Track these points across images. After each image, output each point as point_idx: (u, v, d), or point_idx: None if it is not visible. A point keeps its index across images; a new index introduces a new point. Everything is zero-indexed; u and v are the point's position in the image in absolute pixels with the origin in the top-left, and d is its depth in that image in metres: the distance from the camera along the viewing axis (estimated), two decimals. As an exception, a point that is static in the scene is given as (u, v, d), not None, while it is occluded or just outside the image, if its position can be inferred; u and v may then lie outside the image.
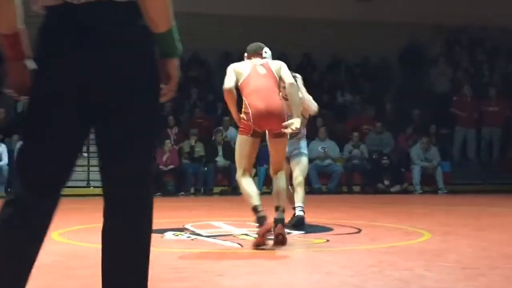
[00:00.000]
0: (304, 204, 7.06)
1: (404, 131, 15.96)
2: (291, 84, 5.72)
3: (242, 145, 5.64)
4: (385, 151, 15.34)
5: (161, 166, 13.87)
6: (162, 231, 6.64)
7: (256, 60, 5.87)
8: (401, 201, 12.31)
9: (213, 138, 14.69)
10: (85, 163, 14.30)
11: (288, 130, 5.48)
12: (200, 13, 17.74)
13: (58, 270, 4.56)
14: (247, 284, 4.08)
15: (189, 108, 16.06)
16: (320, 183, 14.49)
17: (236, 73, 5.71)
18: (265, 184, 14.14)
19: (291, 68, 5.84)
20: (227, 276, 4.31)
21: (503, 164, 16.46)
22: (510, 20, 18.47)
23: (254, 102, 5.54)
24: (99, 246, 2.46)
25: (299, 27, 18.28)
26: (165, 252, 5.44)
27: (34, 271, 4.51)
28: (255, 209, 5.46)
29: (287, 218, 6.75)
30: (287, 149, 6.14)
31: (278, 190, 5.65)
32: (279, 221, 5.50)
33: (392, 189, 14.76)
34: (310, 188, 13.62)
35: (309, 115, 7.32)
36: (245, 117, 5.58)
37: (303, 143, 7.31)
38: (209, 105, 16.31)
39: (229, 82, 5.67)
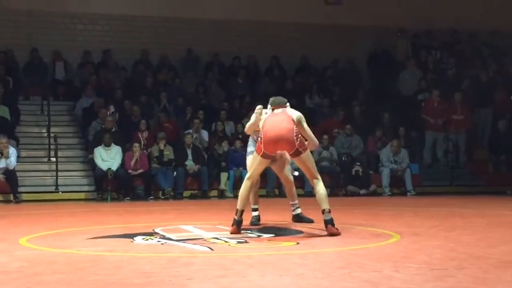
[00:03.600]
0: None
1: (374, 133, 16.05)
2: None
3: (254, 160, 7.02)
4: (354, 153, 15.42)
5: (130, 171, 13.79)
6: (131, 236, 6.61)
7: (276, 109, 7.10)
8: (370, 203, 12.37)
9: (182, 142, 14.63)
10: (53, 168, 14.18)
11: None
12: (169, 17, 17.70)
13: (25, 276, 4.51)
14: (217, 287, 4.07)
15: (158, 112, 15.98)
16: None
17: (260, 119, 7.08)
18: (235, 187, 14.18)
19: (260, 71, 6.17)
20: (197, 280, 4.29)
21: (470, 166, 16.64)
22: (478, 25, 18.71)
23: (266, 130, 6.80)
24: (67, 251, 2.44)
25: (268, 30, 18.32)
26: (134, 256, 5.41)
27: (0, 277, 4.46)
28: (236, 211, 6.80)
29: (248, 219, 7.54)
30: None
31: (319, 197, 6.76)
32: (328, 222, 6.59)
33: (361, 192, 14.83)
34: (279, 191, 13.64)
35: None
36: (260, 141, 6.87)
37: None
38: (178, 109, 16.25)
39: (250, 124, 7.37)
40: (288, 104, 7.17)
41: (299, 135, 6.78)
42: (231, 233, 6.71)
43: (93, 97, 15.81)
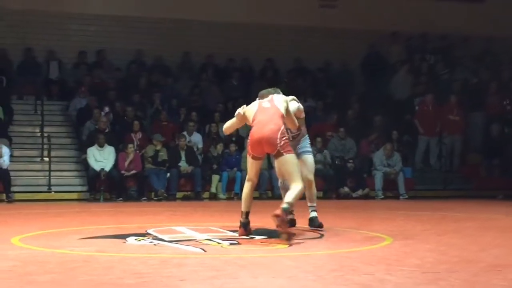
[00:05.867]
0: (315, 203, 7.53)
1: (367, 137, 16.06)
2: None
3: (247, 162, 6.90)
4: (347, 156, 15.45)
5: (123, 171, 13.77)
6: (124, 236, 6.60)
7: (264, 99, 6.98)
8: (363, 206, 12.39)
9: (176, 143, 14.63)
10: (46, 168, 14.15)
11: None
12: (164, 18, 17.70)
13: (16, 275, 4.50)
14: (209, 289, 4.07)
15: (152, 113, 15.97)
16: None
17: (247, 116, 6.84)
18: (229, 189, 14.20)
19: (255, 73, 6.13)
20: (189, 281, 4.30)
21: (463, 171, 16.67)
22: (473, 30, 18.76)
23: (253, 132, 6.68)
24: (59, 251, 2.44)
25: (263, 32, 18.33)
26: (127, 257, 5.41)
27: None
28: (241, 214, 6.81)
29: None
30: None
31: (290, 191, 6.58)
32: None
33: (354, 194, 14.85)
34: (273, 194, 13.66)
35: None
36: (248, 143, 6.78)
37: (306, 142, 7.67)
38: (172, 110, 16.23)
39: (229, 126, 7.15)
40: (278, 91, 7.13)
41: (284, 137, 6.58)
42: (240, 235, 6.69)
43: (87, 97, 15.79)
